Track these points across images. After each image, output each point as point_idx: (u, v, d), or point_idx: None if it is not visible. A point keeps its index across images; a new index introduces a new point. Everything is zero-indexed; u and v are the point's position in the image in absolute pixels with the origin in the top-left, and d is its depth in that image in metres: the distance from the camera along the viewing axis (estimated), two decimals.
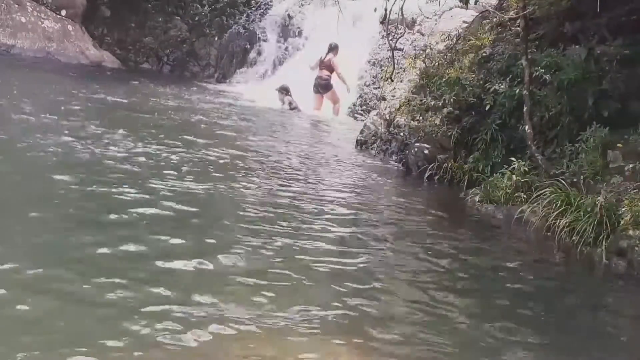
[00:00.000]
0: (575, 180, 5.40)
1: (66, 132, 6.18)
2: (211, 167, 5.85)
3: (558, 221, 4.95)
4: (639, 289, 4.37)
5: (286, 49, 13.78)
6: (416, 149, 7.22)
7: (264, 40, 14.29)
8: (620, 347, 3.40)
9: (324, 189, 5.86)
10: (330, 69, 11.62)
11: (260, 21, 14.57)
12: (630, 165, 5.26)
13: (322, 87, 11.68)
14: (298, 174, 6.31)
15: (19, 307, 2.69)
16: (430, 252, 4.47)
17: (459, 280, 3.99)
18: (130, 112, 8.23)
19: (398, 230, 5.04)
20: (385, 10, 8.01)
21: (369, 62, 12.44)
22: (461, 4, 8.52)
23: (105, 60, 13.09)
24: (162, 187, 4.85)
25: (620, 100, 5.86)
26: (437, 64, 8.04)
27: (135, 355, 2.48)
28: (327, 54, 11.62)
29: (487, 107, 6.73)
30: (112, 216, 4.02)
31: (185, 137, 6.98)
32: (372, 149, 8.32)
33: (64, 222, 3.85)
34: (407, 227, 5.12)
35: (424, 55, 8.88)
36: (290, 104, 11.59)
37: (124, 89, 10.09)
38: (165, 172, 5.31)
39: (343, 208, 5.29)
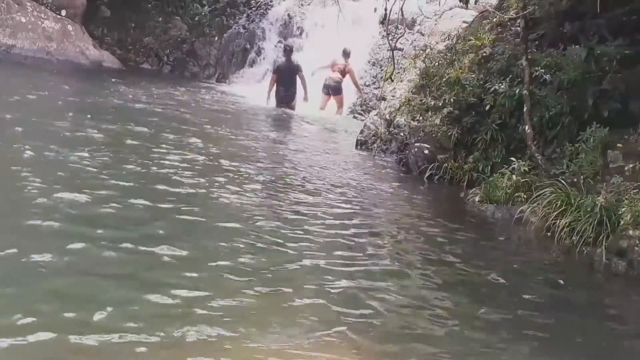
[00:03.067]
0: (575, 180, 5.40)
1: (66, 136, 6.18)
2: (208, 167, 5.83)
3: (558, 221, 4.96)
4: (639, 289, 4.38)
5: None
6: (416, 149, 7.22)
7: (264, 40, 14.28)
8: (619, 346, 3.40)
9: (323, 189, 5.86)
10: (344, 73, 11.64)
11: (260, 21, 14.55)
12: (630, 165, 5.27)
13: (333, 89, 11.67)
14: (297, 174, 6.31)
15: None
16: (429, 252, 4.48)
17: (457, 280, 3.99)
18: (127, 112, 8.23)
19: (397, 231, 5.04)
20: (385, 10, 8.02)
21: (369, 62, 12.44)
22: (461, 4, 8.54)
23: (106, 60, 13.08)
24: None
25: (620, 100, 5.87)
26: (437, 64, 8.05)
27: None
28: (345, 59, 11.63)
29: (487, 107, 6.74)
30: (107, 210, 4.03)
31: (184, 138, 6.97)
32: (372, 149, 8.32)
33: None
34: (406, 227, 5.12)
35: (424, 55, 8.89)
36: (278, 69, 11.44)
37: (123, 91, 10.08)
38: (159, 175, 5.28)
39: (342, 208, 5.29)
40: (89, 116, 7.19)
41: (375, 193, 6.23)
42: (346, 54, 11.62)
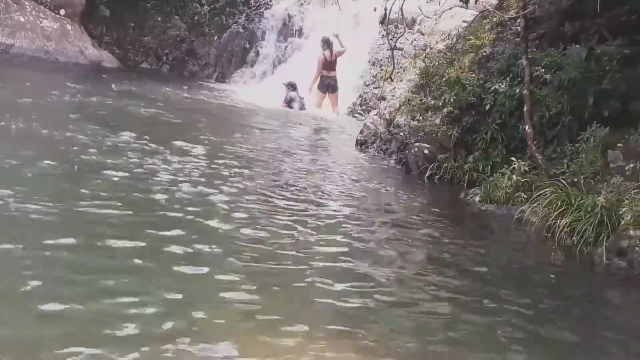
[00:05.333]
0: (575, 180, 5.40)
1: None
2: (206, 168, 5.80)
3: (558, 221, 4.95)
4: (639, 289, 4.37)
5: (286, 48, 13.77)
6: (416, 149, 7.21)
7: (264, 40, 14.27)
8: (619, 347, 3.39)
9: (323, 189, 5.85)
10: (336, 65, 11.55)
11: (259, 21, 14.54)
12: (631, 165, 5.27)
13: (333, 87, 11.64)
14: (297, 174, 6.29)
15: None
16: (429, 252, 4.47)
17: (457, 280, 3.98)
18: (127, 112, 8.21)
19: (398, 231, 5.02)
20: (385, 9, 8.01)
21: (369, 61, 12.43)
22: (461, 3, 8.52)
23: (105, 60, 13.06)
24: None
25: (620, 99, 5.87)
26: (437, 63, 8.05)
27: None
28: (330, 52, 11.52)
29: (487, 107, 6.73)
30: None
31: (183, 138, 6.95)
32: (372, 148, 8.30)
33: None
34: (406, 227, 5.11)
35: (424, 54, 8.89)
36: (291, 100, 11.48)
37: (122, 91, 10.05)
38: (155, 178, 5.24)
39: (342, 209, 5.27)
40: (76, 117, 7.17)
41: (375, 193, 6.22)
42: (327, 43, 11.46)
